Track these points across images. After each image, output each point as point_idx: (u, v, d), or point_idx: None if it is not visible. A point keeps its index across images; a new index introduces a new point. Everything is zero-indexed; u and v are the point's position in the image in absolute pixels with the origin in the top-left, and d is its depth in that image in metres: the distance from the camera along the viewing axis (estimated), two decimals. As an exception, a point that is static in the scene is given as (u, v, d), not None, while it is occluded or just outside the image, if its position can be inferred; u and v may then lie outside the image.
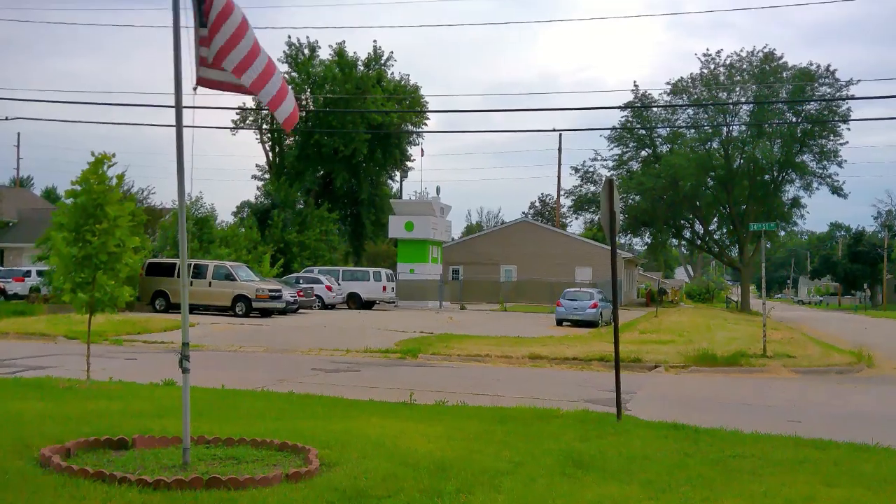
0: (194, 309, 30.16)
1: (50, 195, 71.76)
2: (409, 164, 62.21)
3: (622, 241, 66.25)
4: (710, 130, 58.01)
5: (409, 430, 9.14)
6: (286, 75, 56.84)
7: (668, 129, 60.36)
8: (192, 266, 32.69)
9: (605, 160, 63.15)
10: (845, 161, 57.14)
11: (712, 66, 57.94)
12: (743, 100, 56.18)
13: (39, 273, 38.87)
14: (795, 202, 60.55)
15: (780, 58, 56.61)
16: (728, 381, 17.82)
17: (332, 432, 8.59)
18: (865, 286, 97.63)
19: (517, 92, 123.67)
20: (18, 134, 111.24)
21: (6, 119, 22.55)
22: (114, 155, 12.58)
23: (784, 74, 55.82)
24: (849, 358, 21.66)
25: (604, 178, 53.64)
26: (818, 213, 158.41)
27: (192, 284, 31.14)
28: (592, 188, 62.35)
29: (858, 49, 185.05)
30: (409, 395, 11.91)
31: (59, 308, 28.51)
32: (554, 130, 71.34)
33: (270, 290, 33.15)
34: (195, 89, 6.84)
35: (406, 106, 56.72)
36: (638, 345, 23.03)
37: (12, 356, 18.17)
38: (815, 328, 39.26)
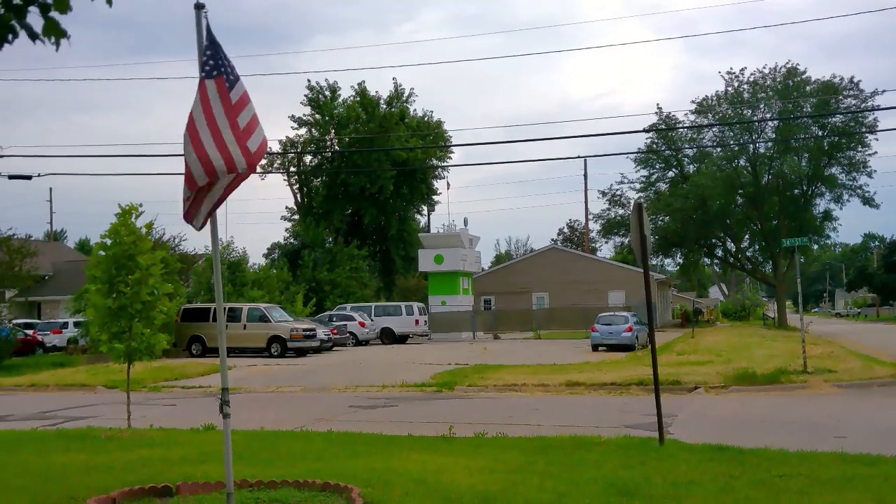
0: (230, 352, 30.24)
1: (83, 247, 72.77)
2: (435, 197, 62.56)
3: (653, 262, 65.79)
4: (737, 148, 57.68)
5: (450, 464, 9.10)
6: (309, 118, 57.63)
7: (693, 148, 60.12)
8: (227, 309, 32.88)
9: (632, 183, 63.00)
10: (875, 171, 56.51)
11: (736, 84, 57.71)
12: (768, 116, 55.85)
13: (76, 324, 39.31)
14: (827, 215, 59.84)
15: (804, 72, 56.30)
16: (770, 399, 17.57)
17: (374, 470, 8.57)
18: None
19: (539, 122, 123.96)
20: (51, 189, 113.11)
21: (38, 175, 22.81)
22: (141, 205, 12.72)
23: (808, 88, 55.47)
24: (891, 370, 21.28)
25: (632, 202, 53.51)
26: (851, 224, 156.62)
27: (227, 328, 31.29)
28: (621, 211, 62.13)
29: (881, 60, 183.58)
30: (448, 429, 11.87)
31: (97, 358, 28.80)
32: (579, 157, 71.17)
33: (304, 330, 33.30)
34: None
35: (430, 141, 57.03)
36: (676, 367, 22.79)
37: (54, 408, 18.36)
38: (854, 341, 38.66)
